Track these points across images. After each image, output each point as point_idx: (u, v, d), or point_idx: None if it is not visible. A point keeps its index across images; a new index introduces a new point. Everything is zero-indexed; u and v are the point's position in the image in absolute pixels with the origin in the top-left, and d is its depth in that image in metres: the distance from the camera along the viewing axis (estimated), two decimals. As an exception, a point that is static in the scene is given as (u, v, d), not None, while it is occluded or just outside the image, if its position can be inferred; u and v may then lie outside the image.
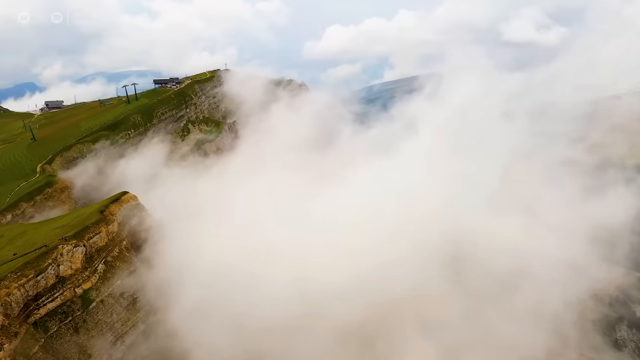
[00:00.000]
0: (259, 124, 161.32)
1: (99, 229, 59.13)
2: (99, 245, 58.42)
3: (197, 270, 65.34)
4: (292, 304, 63.30)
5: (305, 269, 68.48)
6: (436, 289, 70.43)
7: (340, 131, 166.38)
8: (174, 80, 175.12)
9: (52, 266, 52.26)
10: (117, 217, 64.28)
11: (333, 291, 65.41)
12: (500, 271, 72.79)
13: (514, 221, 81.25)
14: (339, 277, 66.93)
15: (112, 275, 57.80)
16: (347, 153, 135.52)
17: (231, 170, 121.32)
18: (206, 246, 71.98)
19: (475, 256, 75.25)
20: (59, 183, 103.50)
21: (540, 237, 78.66)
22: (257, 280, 65.56)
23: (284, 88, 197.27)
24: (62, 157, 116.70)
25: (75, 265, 54.34)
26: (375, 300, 65.68)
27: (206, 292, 63.01)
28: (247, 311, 61.61)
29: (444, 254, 74.56)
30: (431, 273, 71.35)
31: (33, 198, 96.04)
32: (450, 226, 78.51)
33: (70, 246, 54.37)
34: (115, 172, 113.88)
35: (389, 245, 73.52)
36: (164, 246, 67.36)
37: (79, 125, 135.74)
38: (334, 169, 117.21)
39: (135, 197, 72.44)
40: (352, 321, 64.08)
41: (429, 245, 74.42)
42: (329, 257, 71.36)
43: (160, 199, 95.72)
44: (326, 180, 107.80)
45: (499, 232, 77.23)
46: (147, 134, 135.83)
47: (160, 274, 62.54)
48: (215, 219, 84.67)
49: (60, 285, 52.60)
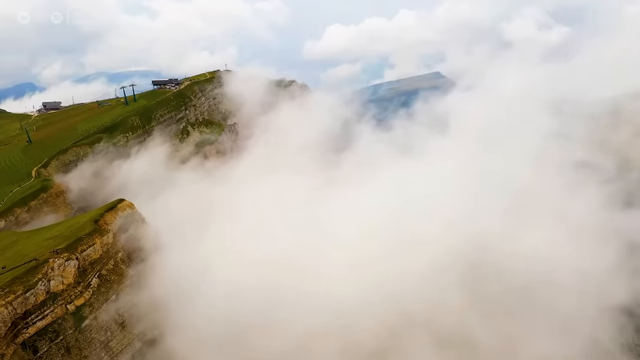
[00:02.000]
0: (261, 125, 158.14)
1: (93, 241, 55.91)
2: (93, 258, 55.18)
3: (205, 287, 61.65)
4: (307, 320, 59.85)
5: (316, 280, 64.94)
6: (453, 299, 65.76)
7: (349, 132, 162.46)
8: (173, 81, 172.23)
9: (42, 281, 49.06)
10: (112, 227, 61.02)
11: (345, 304, 61.85)
12: (524, 280, 67.46)
13: (538, 227, 75.94)
14: (351, 287, 63.48)
15: (106, 290, 54.53)
16: (361, 155, 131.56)
17: (235, 175, 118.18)
18: (214, 259, 68.38)
19: (496, 264, 70.01)
20: (54, 188, 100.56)
21: (567, 244, 72.85)
22: (275, 298, 61.88)
23: (285, 89, 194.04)
24: (58, 160, 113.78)
25: (67, 280, 51.15)
26: (389, 311, 61.95)
27: (217, 315, 59.13)
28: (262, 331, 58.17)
29: (462, 261, 69.74)
30: (448, 282, 66.79)
31: (27, 203, 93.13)
32: (469, 232, 73.88)
33: (62, 260, 51.18)
34: (113, 176, 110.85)
35: (403, 253, 69.88)
36: (164, 258, 63.80)
37: (76, 128, 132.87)
38: (346, 172, 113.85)
39: (132, 204, 69.15)
40: (364, 334, 60.44)
41: (446, 253, 70.10)
42: (340, 267, 67.87)
43: (159, 206, 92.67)
44: (338, 185, 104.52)
45: (522, 239, 72.26)
46: (146, 137, 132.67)
47: (159, 288, 58.93)
48: (222, 227, 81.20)
49: (51, 302, 49.38)
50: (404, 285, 64.96)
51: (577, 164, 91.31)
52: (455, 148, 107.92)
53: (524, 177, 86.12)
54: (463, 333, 62.11)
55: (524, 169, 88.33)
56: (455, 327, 62.58)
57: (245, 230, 79.86)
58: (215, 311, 59.82)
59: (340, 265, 69.77)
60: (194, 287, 62.24)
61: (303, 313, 60.75)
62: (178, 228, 76.56)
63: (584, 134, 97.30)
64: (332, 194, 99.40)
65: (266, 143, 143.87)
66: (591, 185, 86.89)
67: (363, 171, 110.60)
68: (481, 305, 65.75)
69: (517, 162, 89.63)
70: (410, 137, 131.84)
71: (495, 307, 65.86)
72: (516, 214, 78.43)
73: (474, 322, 63.40)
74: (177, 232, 74.73)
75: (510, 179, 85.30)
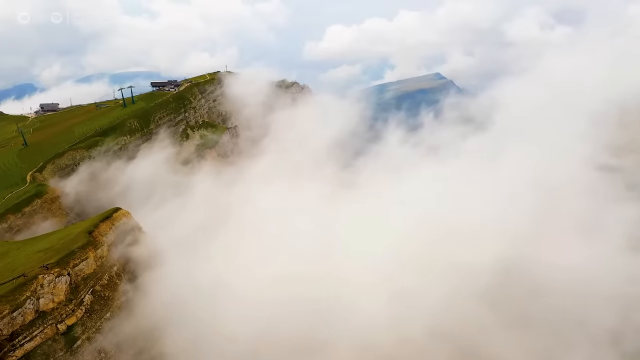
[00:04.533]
0: (262, 128, 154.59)
1: (86, 254, 52.48)
2: (86, 273, 51.77)
3: (219, 304, 57.14)
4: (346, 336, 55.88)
5: (345, 292, 60.70)
6: (481, 318, 60.07)
7: (359, 135, 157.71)
8: (172, 83, 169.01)
9: (30, 299, 45.69)
10: (107, 239, 57.57)
11: (370, 318, 57.77)
12: (562, 297, 60.63)
13: (575, 238, 68.95)
14: (367, 305, 59.41)
15: (100, 307, 51.12)
16: (379, 159, 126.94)
17: (238, 179, 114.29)
18: (225, 272, 63.92)
19: (530, 279, 63.46)
20: (49, 193, 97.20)
21: (608, 257, 65.16)
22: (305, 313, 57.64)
23: (287, 90, 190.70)
24: (53, 164, 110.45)
25: (57, 297, 47.80)
26: (409, 330, 57.68)
27: (234, 335, 54.43)
28: None
29: (489, 275, 63.75)
30: (474, 298, 61.45)
31: (21, 210, 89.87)
32: (499, 243, 67.75)
33: (52, 276, 47.79)
34: (110, 181, 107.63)
35: (424, 267, 65.31)
36: (166, 271, 59.88)
37: (73, 130, 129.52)
38: (365, 178, 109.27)
39: (128, 213, 65.72)
40: (387, 349, 56.27)
41: (473, 266, 64.41)
42: (356, 283, 63.68)
43: (158, 213, 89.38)
44: (356, 192, 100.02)
45: (558, 251, 65.20)
46: (144, 140, 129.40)
47: (159, 305, 54.92)
48: (227, 236, 77.11)
49: (40, 322, 46.03)
50: (424, 302, 60.47)
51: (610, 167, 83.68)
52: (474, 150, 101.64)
53: (558, 179, 78.79)
54: (494, 354, 57.05)
55: (559, 171, 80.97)
56: (482, 343, 57.78)
57: (260, 242, 75.20)
58: (231, 330, 55.33)
59: (364, 277, 65.37)
60: (203, 304, 57.94)
61: (340, 328, 56.76)
62: (181, 238, 72.87)
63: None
64: (349, 201, 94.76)
65: (271, 146, 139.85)
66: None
67: (383, 176, 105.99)
68: (515, 325, 60.03)
69: (550, 164, 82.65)
70: (431, 139, 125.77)
71: (532, 326, 60.27)
72: (551, 224, 71.81)
73: (505, 343, 58.05)
74: (180, 242, 71.07)
75: (542, 182, 78.39)
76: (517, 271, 64.76)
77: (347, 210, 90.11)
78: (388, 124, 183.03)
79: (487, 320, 59.99)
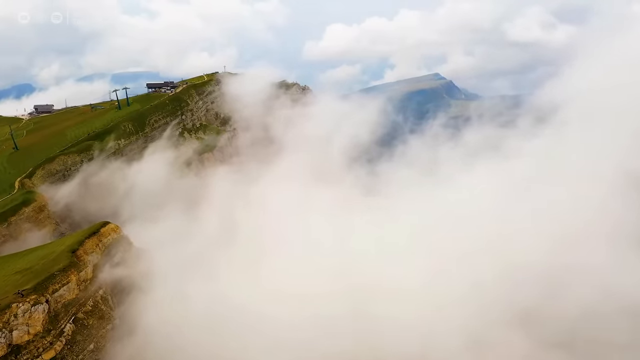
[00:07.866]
0: (263, 131, 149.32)
1: (68, 278, 47.17)
2: (67, 299, 46.52)
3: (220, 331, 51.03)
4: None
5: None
6: (509, 341, 53.98)
7: (372, 137, 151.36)
8: (168, 85, 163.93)
9: (2, 332, 40.51)
10: (92, 258, 52.16)
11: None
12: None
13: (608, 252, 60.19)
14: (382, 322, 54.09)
15: (83, 338, 45.77)
16: (396, 163, 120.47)
17: (244, 184, 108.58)
18: (232, 294, 57.20)
19: (563, 299, 56.64)
20: (37, 201, 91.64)
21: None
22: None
23: (287, 91, 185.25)
24: (43, 169, 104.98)
25: (34, 328, 42.58)
26: (426, 352, 52.46)
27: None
28: None
29: (513, 293, 57.49)
30: (496, 319, 55.35)
31: (7, 219, 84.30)
32: (525, 256, 60.88)
33: (28, 304, 42.58)
34: (102, 188, 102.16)
35: (444, 283, 59.78)
36: (161, 294, 54.00)
37: (65, 134, 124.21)
38: (381, 184, 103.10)
39: (117, 228, 60.32)
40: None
41: (492, 284, 58.69)
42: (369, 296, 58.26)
43: (152, 224, 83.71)
44: (374, 199, 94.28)
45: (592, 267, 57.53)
46: (139, 144, 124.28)
47: (151, 334, 49.10)
48: (233, 249, 71.36)
49: (14, 357, 40.86)
50: (443, 321, 55.07)
51: None
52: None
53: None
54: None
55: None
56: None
57: (279, 259, 68.85)
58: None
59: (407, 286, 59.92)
60: (207, 332, 51.68)
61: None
62: (181, 253, 66.81)
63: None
64: (369, 209, 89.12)
65: (275, 150, 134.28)
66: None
67: (401, 182, 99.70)
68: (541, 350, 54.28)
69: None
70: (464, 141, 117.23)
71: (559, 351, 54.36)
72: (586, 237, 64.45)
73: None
74: (181, 258, 64.99)
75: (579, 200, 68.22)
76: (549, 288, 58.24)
77: (357, 219, 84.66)
78: (399, 125, 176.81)
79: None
